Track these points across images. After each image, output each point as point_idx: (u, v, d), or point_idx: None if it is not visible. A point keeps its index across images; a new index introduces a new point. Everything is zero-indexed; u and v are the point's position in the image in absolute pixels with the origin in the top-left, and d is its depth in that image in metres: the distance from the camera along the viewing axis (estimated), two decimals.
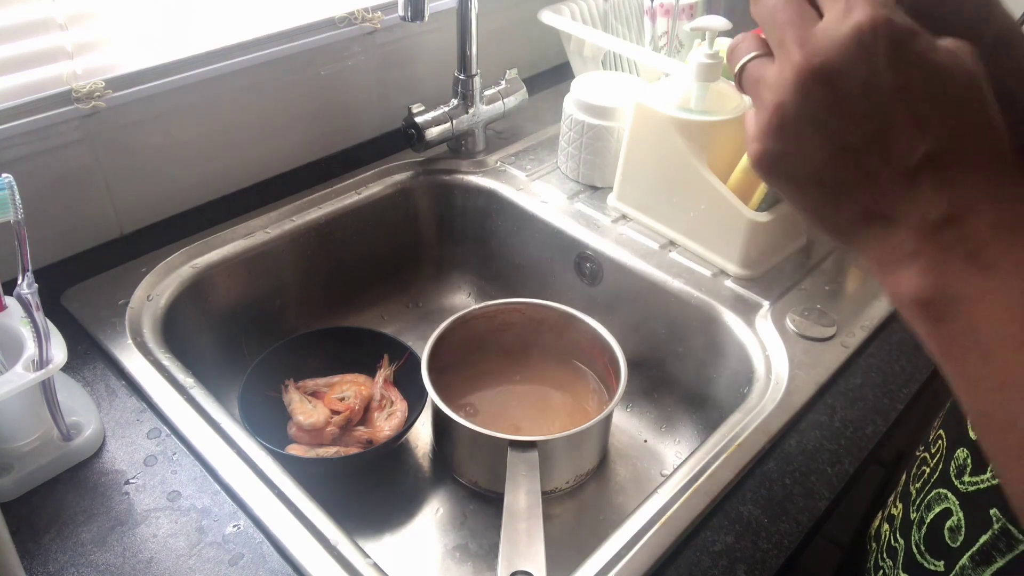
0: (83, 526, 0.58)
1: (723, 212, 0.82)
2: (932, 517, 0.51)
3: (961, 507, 0.48)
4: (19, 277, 0.56)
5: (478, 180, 0.99)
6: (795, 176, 0.34)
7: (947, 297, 0.31)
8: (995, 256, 0.30)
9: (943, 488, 0.50)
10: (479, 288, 1.05)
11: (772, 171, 0.35)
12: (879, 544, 0.60)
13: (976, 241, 0.30)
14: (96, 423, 0.64)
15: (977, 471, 0.47)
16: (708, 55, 0.78)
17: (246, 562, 0.56)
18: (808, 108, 0.32)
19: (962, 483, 0.48)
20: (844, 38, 0.30)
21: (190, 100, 0.84)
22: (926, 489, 0.53)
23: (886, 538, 0.59)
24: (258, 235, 0.87)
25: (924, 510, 0.52)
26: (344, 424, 0.79)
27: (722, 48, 0.79)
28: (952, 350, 0.31)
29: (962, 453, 0.49)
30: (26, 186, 0.57)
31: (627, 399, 0.89)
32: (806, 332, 0.77)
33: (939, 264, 0.31)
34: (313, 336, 0.85)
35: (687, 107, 0.81)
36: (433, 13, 0.90)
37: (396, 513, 0.77)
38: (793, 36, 0.32)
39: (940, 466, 0.52)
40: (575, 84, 0.97)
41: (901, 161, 0.31)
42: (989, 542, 0.45)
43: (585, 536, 0.75)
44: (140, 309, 0.76)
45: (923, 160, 0.31)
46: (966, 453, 0.48)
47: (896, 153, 0.31)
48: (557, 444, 0.73)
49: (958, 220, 0.31)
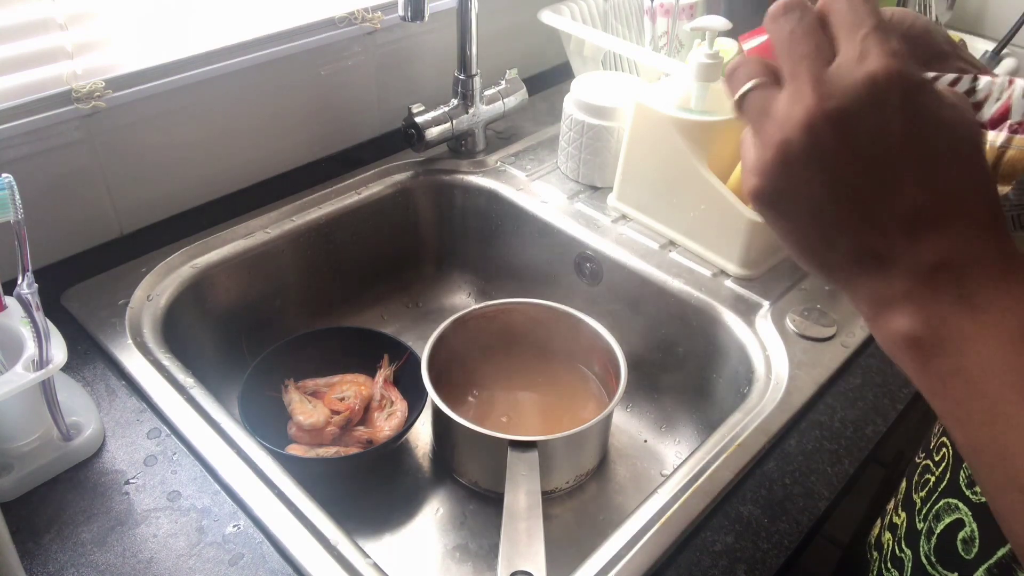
0: (83, 526, 0.58)
1: (723, 212, 0.82)
2: (942, 528, 0.50)
3: (974, 518, 0.47)
4: (19, 277, 0.56)
5: (478, 180, 0.99)
6: (792, 213, 0.34)
7: (937, 336, 0.32)
8: (986, 300, 0.31)
9: (953, 498, 0.50)
10: (479, 288, 1.05)
11: (770, 207, 0.35)
12: (881, 553, 0.60)
13: (968, 285, 0.31)
14: (96, 423, 0.64)
15: None
16: (708, 55, 0.78)
17: (246, 562, 0.56)
18: (815, 149, 0.32)
19: (974, 493, 0.48)
20: (858, 85, 0.31)
21: (190, 100, 0.84)
22: (933, 498, 0.52)
23: (889, 547, 0.58)
24: (258, 235, 0.87)
25: (933, 520, 0.51)
26: (344, 424, 0.79)
27: (722, 48, 0.79)
28: (942, 387, 0.32)
29: None
30: (26, 186, 0.57)
31: (627, 399, 0.89)
32: (806, 332, 0.77)
33: (931, 304, 0.32)
34: (313, 336, 0.85)
35: (687, 107, 0.81)
36: (433, 13, 0.90)
37: (396, 513, 0.77)
38: (808, 73, 0.32)
39: (948, 475, 0.51)
40: (575, 84, 0.97)
41: (903, 208, 0.32)
42: (1008, 555, 0.44)
43: (585, 536, 0.75)
44: (140, 309, 0.76)
45: (924, 208, 0.32)
46: None
47: (899, 200, 0.32)
48: (557, 444, 0.73)
49: (952, 266, 0.32)
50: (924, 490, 0.54)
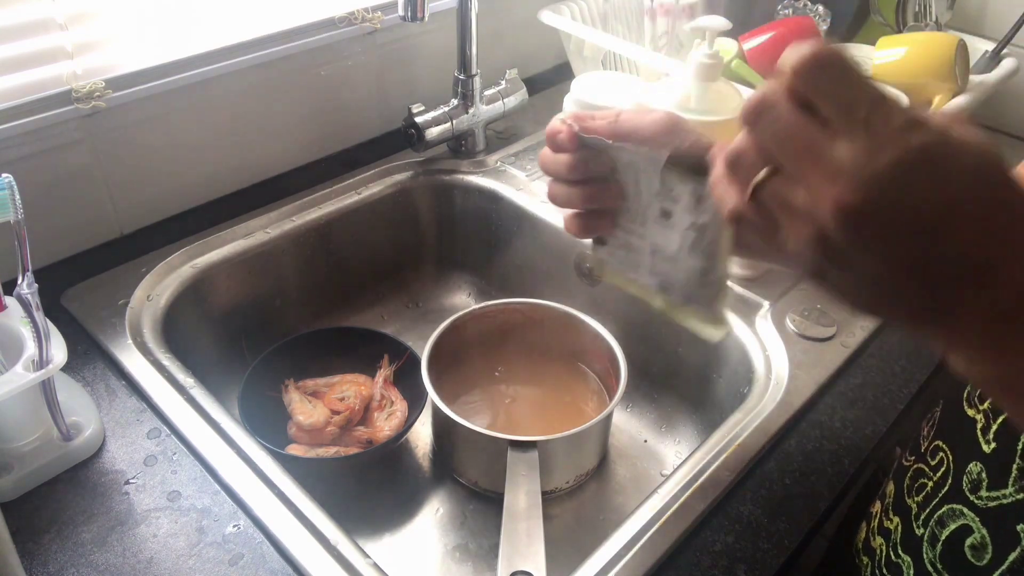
0: (83, 526, 0.58)
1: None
2: (947, 534, 0.50)
3: (982, 524, 0.47)
4: (19, 277, 0.56)
5: (478, 180, 0.99)
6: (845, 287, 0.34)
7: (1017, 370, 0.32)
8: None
9: (957, 504, 0.49)
10: (479, 288, 1.05)
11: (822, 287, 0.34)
12: (874, 559, 0.60)
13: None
14: (96, 423, 0.64)
15: (996, 486, 0.46)
16: (708, 55, 0.78)
17: (246, 562, 0.56)
18: (855, 236, 0.31)
19: (979, 498, 0.47)
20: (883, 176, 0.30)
21: (190, 100, 0.84)
22: (933, 504, 0.52)
23: (883, 553, 0.58)
24: (258, 235, 0.87)
25: (936, 526, 0.51)
26: (344, 424, 0.79)
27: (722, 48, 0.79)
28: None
29: (975, 467, 0.48)
30: (26, 186, 0.56)
31: (627, 399, 0.89)
32: (806, 332, 0.77)
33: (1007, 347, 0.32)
34: (313, 336, 0.85)
35: (687, 107, 0.81)
36: (433, 13, 0.90)
37: (396, 513, 0.77)
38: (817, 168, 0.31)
39: (949, 481, 0.51)
40: (575, 84, 0.97)
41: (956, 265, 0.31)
42: (1019, 559, 0.44)
43: (585, 536, 0.75)
44: (140, 309, 0.76)
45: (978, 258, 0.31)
46: (980, 467, 0.47)
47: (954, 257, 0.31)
48: (557, 444, 0.73)
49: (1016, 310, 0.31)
50: (920, 495, 0.54)
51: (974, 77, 0.98)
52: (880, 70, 0.95)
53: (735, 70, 0.94)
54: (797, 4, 1.04)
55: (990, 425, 0.47)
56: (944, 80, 0.93)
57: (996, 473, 0.46)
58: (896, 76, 0.94)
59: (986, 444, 0.47)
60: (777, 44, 0.95)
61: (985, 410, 0.48)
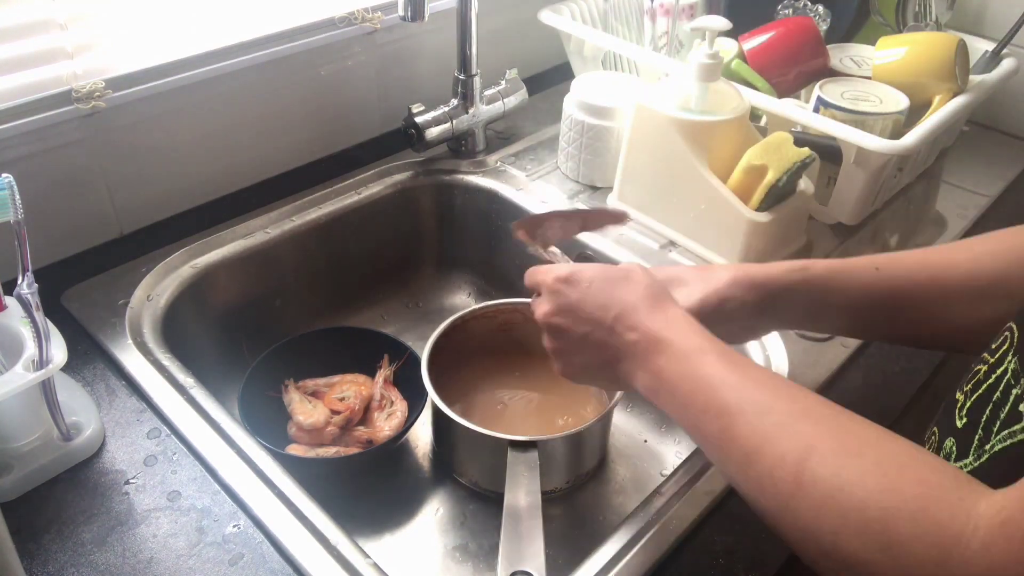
0: (83, 526, 0.58)
1: (723, 212, 0.82)
2: None
3: None
4: (19, 277, 0.56)
5: (478, 180, 0.99)
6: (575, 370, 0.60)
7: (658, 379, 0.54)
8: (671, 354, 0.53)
9: None
10: (479, 288, 1.05)
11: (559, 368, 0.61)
12: None
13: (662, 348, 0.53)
14: (96, 423, 0.64)
15: (961, 456, 0.47)
16: (708, 55, 0.78)
17: (246, 562, 0.56)
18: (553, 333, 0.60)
19: None
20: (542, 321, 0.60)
21: (190, 100, 0.84)
22: None
23: None
24: (258, 235, 0.87)
25: None
26: (344, 424, 0.79)
27: (722, 48, 0.79)
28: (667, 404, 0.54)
29: (949, 442, 0.49)
30: (26, 186, 0.56)
31: (627, 399, 0.89)
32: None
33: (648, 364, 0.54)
34: (313, 336, 0.85)
35: (687, 107, 0.81)
36: (433, 13, 0.90)
37: (396, 513, 0.77)
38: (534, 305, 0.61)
39: None
40: (575, 84, 0.97)
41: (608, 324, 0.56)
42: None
43: (585, 536, 0.75)
44: (140, 309, 0.76)
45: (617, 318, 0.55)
46: (952, 442, 0.49)
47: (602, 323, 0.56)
48: (557, 444, 0.73)
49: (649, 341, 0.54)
50: None
51: (974, 77, 0.98)
52: (880, 70, 0.95)
53: (735, 70, 0.94)
54: (797, 4, 1.04)
55: (965, 404, 0.49)
56: (944, 80, 0.93)
57: (963, 446, 0.48)
58: (896, 76, 0.94)
59: (959, 420, 0.49)
60: (777, 44, 0.95)
61: (967, 391, 0.50)
